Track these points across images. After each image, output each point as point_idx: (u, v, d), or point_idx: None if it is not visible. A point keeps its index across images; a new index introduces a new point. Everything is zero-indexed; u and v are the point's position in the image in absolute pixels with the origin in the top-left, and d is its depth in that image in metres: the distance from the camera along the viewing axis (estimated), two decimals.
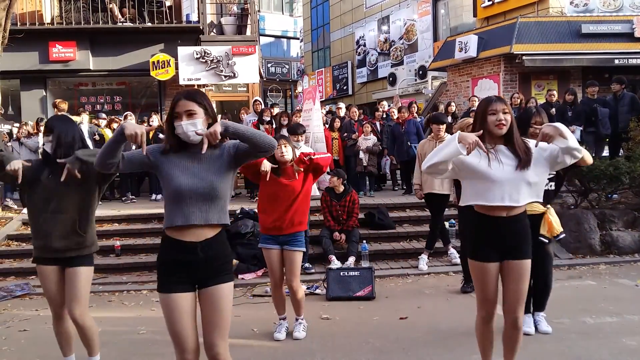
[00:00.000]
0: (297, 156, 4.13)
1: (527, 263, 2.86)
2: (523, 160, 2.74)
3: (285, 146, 4.10)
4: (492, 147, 2.80)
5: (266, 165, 3.99)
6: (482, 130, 2.77)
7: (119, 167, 2.47)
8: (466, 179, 2.89)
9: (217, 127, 2.38)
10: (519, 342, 2.94)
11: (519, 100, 9.73)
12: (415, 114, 9.95)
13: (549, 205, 4.02)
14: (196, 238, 2.47)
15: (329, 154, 4.58)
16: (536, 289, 4.17)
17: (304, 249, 4.28)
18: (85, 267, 3.27)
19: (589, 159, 3.38)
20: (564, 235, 4.10)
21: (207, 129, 2.44)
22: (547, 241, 4.00)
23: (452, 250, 6.68)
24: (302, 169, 4.10)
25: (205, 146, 2.40)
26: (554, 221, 3.98)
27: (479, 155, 2.76)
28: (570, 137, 2.70)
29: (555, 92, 9.42)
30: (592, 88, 9.07)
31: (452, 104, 10.54)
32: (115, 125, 9.56)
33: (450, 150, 2.69)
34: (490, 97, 2.91)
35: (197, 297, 2.54)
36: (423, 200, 6.62)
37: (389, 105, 11.71)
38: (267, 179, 4.02)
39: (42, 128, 8.82)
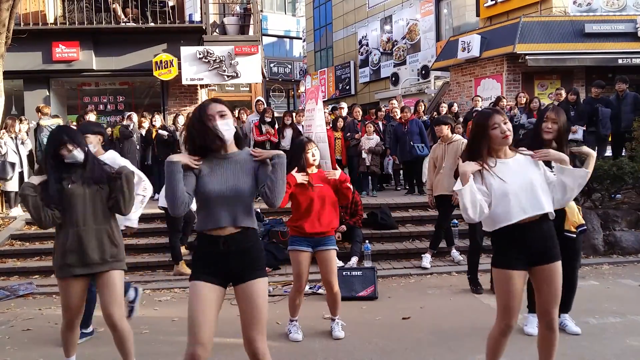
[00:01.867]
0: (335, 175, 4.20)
1: (558, 265, 2.83)
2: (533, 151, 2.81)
3: (315, 148, 4.18)
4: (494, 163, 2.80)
5: (300, 178, 4.04)
6: (481, 160, 2.77)
7: (192, 200, 2.56)
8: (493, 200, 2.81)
9: (270, 153, 2.60)
10: (554, 345, 2.87)
11: (524, 100, 9.70)
12: (421, 113, 9.97)
13: None
14: (222, 232, 2.57)
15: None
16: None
17: (337, 247, 4.29)
18: (119, 270, 3.31)
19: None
20: (585, 227, 4.06)
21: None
22: (573, 236, 3.95)
23: (454, 252, 6.66)
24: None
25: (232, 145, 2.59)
26: (569, 213, 3.91)
27: (488, 175, 2.76)
28: (571, 173, 2.80)
29: (563, 92, 9.32)
30: (596, 88, 9.04)
31: (455, 104, 10.53)
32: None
33: (466, 197, 2.68)
34: (487, 111, 2.89)
35: (235, 294, 2.61)
36: (426, 201, 6.62)
37: (385, 107, 11.72)
38: (308, 185, 4.07)
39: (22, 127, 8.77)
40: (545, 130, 3.62)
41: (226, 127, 2.53)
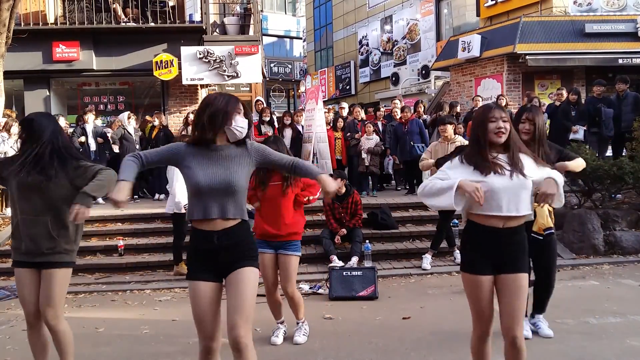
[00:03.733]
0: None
1: (524, 277, 2.72)
2: (521, 171, 2.66)
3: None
4: (494, 158, 2.71)
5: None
6: (481, 193, 2.64)
7: (143, 167, 2.64)
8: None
9: (334, 185, 2.67)
10: None
11: (504, 102, 9.74)
12: (421, 113, 9.99)
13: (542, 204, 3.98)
14: (214, 227, 2.59)
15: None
16: (537, 288, 4.12)
17: (299, 254, 4.16)
18: (61, 269, 3.07)
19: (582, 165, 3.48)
20: (553, 231, 4.03)
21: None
22: (540, 237, 3.96)
23: (457, 252, 6.65)
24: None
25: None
26: (539, 215, 3.90)
27: (474, 171, 2.68)
28: (561, 193, 2.68)
29: (564, 92, 9.28)
30: (599, 87, 9.02)
31: (458, 105, 10.56)
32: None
33: (445, 201, 2.63)
34: (489, 104, 2.85)
35: (225, 284, 2.63)
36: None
37: (385, 106, 11.72)
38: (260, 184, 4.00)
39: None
40: (523, 131, 3.62)
41: (243, 125, 2.58)
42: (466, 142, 6.28)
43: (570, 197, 7.67)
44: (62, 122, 9.40)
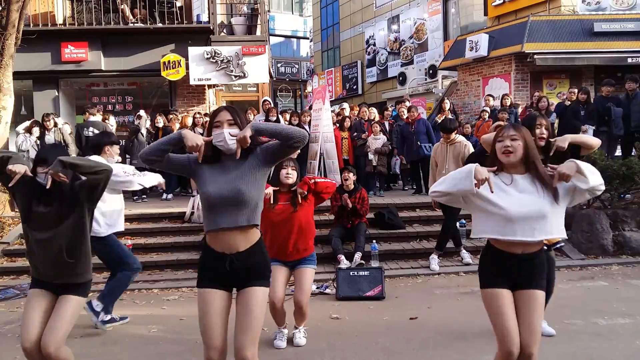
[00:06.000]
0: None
1: (540, 294, 2.66)
2: (553, 193, 2.56)
3: (293, 168, 3.96)
4: (508, 178, 2.62)
5: (267, 189, 3.75)
6: (495, 167, 2.63)
7: (160, 165, 2.61)
8: (476, 212, 2.69)
9: (247, 131, 2.48)
10: None
11: (536, 100, 9.65)
12: (447, 112, 9.92)
13: None
14: (228, 248, 2.56)
15: (334, 183, 4.24)
16: None
17: (315, 266, 4.10)
18: (75, 296, 3.06)
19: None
20: (562, 244, 4.02)
21: None
22: (545, 248, 3.95)
23: (464, 252, 6.63)
24: (305, 192, 3.92)
25: (239, 151, 2.51)
26: None
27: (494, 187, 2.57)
28: (590, 174, 2.54)
29: (575, 91, 9.20)
30: (607, 87, 8.97)
31: (446, 101, 10.50)
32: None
33: (465, 185, 2.53)
34: (508, 124, 2.78)
35: (236, 298, 2.61)
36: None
37: (391, 106, 11.69)
38: (268, 205, 3.80)
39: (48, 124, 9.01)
40: (540, 137, 3.46)
41: (231, 133, 2.53)
42: (467, 143, 6.34)
43: None
44: (67, 129, 9.49)
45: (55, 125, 9.23)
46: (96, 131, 8.35)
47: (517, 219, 2.55)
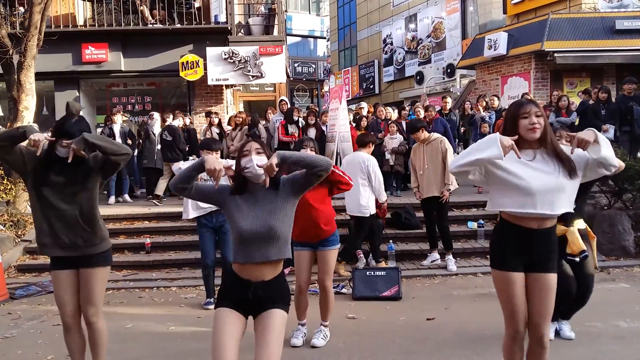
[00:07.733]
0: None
1: (553, 277, 2.68)
2: (569, 167, 2.57)
3: (312, 149, 3.97)
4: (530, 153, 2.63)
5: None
6: (517, 136, 2.61)
7: (190, 193, 2.65)
8: (496, 185, 2.68)
9: (274, 159, 2.50)
10: None
11: (557, 99, 9.53)
12: (480, 109, 9.80)
13: (571, 227, 3.92)
14: (254, 278, 2.58)
15: (351, 184, 4.15)
16: (572, 301, 4.04)
17: (338, 246, 4.20)
18: (99, 267, 3.19)
19: (621, 165, 3.25)
20: (587, 254, 3.98)
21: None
22: (576, 259, 3.92)
23: (450, 258, 6.45)
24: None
25: (267, 179, 2.53)
26: (571, 241, 3.89)
27: (514, 160, 2.57)
28: (605, 145, 2.53)
29: (596, 90, 9.07)
30: (629, 85, 8.81)
31: (448, 99, 10.44)
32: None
33: (492, 152, 2.50)
34: (521, 100, 2.77)
35: (254, 324, 2.60)
36: (451, 201, 6.57)
37: (408, 105, 11.61)
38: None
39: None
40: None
41: (259, 161, 2.55)
42: (445, 139, 6.29)
43: (600, 197, 7.51)
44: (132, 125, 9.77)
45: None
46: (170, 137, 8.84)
47: (537, 191, 2.56)
